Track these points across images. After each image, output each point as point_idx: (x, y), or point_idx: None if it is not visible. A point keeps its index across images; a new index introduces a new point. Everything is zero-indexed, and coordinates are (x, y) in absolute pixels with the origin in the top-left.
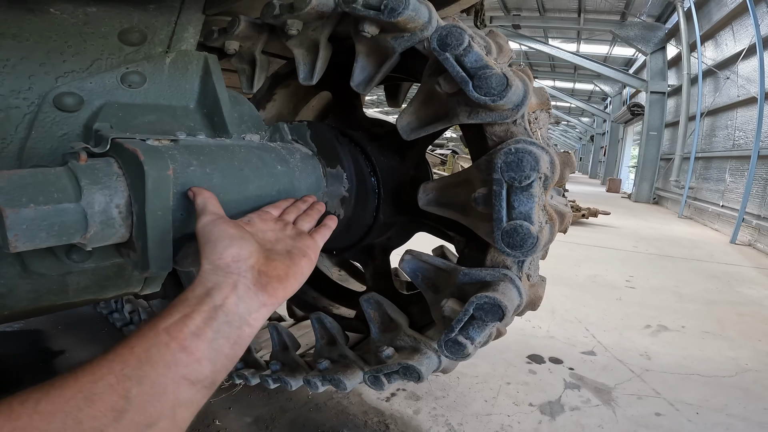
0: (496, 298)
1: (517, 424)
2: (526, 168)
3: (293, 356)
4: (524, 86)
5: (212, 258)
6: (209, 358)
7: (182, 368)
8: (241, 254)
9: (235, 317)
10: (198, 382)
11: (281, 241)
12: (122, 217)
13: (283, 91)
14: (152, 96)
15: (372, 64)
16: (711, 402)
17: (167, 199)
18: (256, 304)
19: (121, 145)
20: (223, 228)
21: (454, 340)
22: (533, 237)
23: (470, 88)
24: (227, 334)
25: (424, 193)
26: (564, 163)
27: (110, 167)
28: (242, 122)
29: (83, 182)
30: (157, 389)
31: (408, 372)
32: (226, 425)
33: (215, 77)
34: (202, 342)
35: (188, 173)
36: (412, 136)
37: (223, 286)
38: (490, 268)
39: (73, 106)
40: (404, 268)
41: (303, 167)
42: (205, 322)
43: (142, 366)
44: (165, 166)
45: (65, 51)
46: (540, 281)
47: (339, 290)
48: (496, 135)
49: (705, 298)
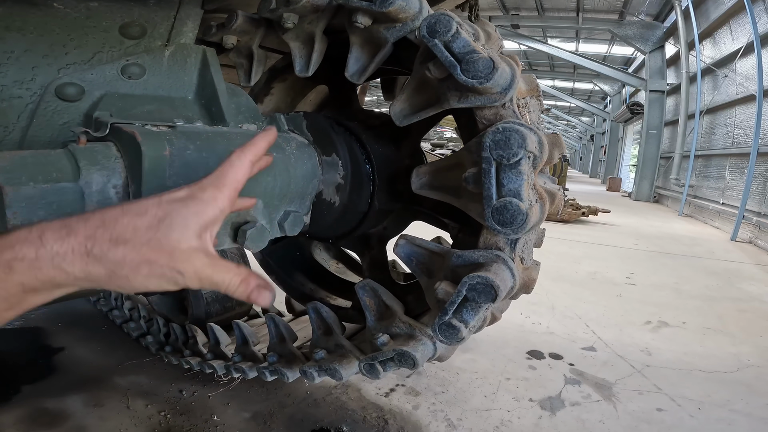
0: (488, 277)
1: (517, 420)
2: (513, 145)
3: (290, 348)
4: (511, 70)
5: None
6: None
7: None
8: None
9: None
10: None
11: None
12: (119, 198)
13: (280, 85)
14: (151, 87)
15: (366, 55)
16: (713, 397)
17: (163, 180)
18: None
19: (120, 129)
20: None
21: (448, 323)
22: (523, 213)
23: (458, 72)
24: None
25: (418, 177)
26: (553, 144)
27: (109, 150)
28: (239, 113)
29: (82, 163)
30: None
31: (403, 358)
32: (225, 420)
33: (213, 69)
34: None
35: (185, 156)
36: (405, 121)
37: None
38: (483, 249)
39: (74, 95)
40: (398, 253)
41: (299, 155)
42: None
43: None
44: (162, 147)
45: (68, 44)
46: (534, 265)
47: (336, 282)
48: (486, 118)
49: (705, 294)
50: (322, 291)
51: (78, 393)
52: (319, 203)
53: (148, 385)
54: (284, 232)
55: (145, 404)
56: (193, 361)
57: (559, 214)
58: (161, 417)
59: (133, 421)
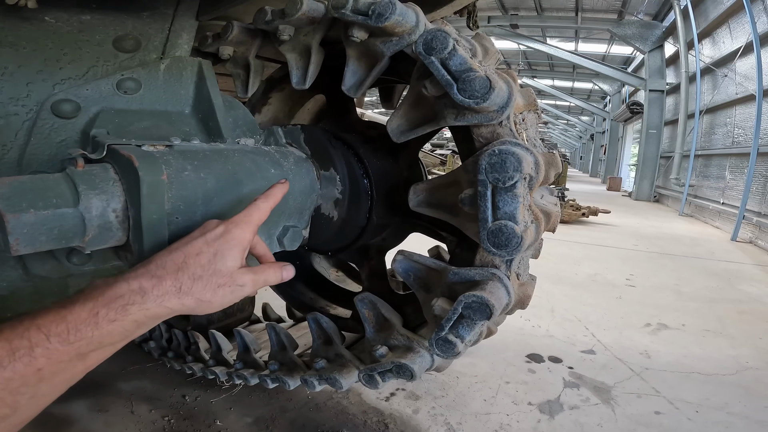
0: (483, 297)
1: (516, 423)
2: (509, 169)
3: (291, 356)
4: (508, 88)
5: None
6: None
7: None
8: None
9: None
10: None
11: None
12: (119, 221)
13: (278, 95)
14: (148, 102)
15: (362, 68)
16: (711, 400)
17: (162, 204)
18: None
19: (117, 151)
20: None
21: (445, 338)
22: (517, 237)
23: (455, 91)
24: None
25: (415, 194)
26: (549, 163)
27: (107, 173)
28: (237, 126)
29: (81, 188)
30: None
31: (401, 370)
32: (227, 425)
33: (209, 83)
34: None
35: (183, 178)
36: (402, 138)
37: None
38: (479, 267)
39: (70, 112)
40: (396, 268)
41: (297, 170)
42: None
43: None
44: (159, 172)
45: (61, 58)
46: (530, 280)
47: (336, 291)
48: (483, 136)
49: (705, 296)
50: (321, 300)
51: (82, 398)
52: (318, 217)
53: (152, 390)
54: (283, 247)
55: (149, 409)
56: (195, 367)
57: (555, 231)
58: (165, 422)
59: (137, 426)
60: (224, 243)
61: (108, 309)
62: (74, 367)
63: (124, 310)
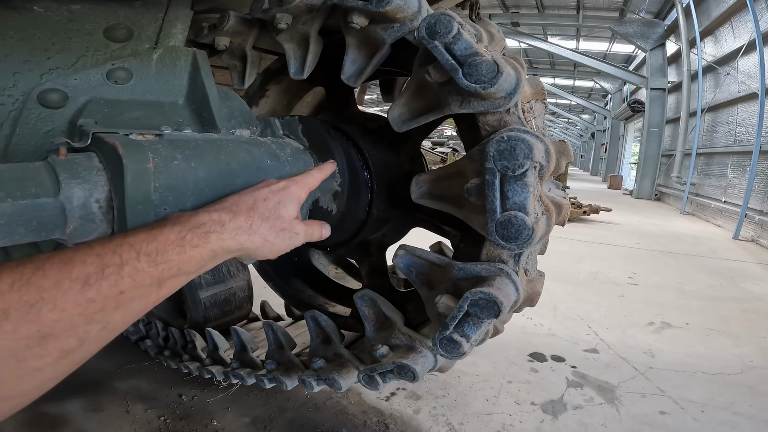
0: (491, 293)
1: (519, 424)
2: (519, 156)
3: (288, 355)
4: (516, 74)
5: None
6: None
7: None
8: None
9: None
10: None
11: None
12: (103, 212)
13: (276, 87)
14: (139, 92)
15: (362, 57)
16: (716, 400)
17: (148, 193)
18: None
19: (101, 140)
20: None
21: (449, 338)
22: (528, 228)
23: (460, 76)
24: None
25: (417, 185)
26: (560, 152)
27: (90, 162)
28: (232, 117)
29: (62, 177)
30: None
31: (403, 371)
32: (224, 425)
33: (204, 73)
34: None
35: (172, 167)
36: (404, 127)
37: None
38: (485, 262)
39: (57, 102)
40: (398, 264)
41: (294, 162)
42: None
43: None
44: (145, 159)
45: (49, 48)
46: (538, 276)
47: (335, 288)
48: (489, 125)
49: (709, 294)
50: (320, 298)
51: (77, 397)
52: (316, 211)
53: (148, 390)
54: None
55: (144, 409)
56: (191, 366)
57: (565, 224)
58: (161, 422)
59: (132, 425)
60: (286, 194)
61: (193, 234)
62: (150, 295)
63: (206, 237)
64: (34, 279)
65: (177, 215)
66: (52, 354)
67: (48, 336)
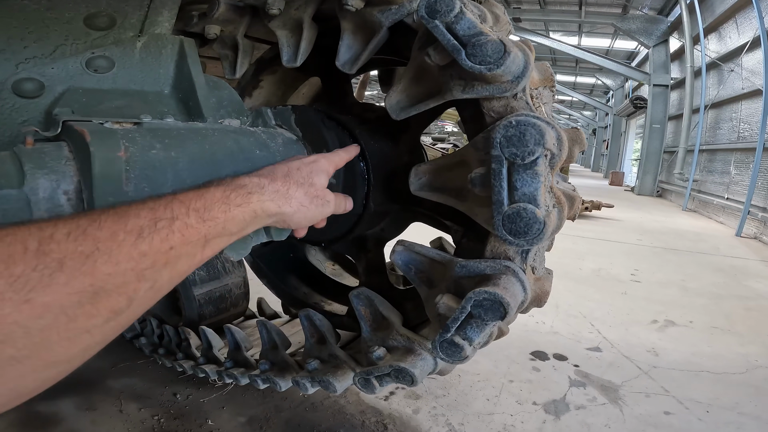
0: (497, 293)
1: (521, 424)
2: (529, 142)
3: (283, 355)
4: (524, 56)
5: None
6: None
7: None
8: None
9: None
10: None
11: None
12: (71, 205)
13: (269, 78)
14: (121, 81)
15: (359, 42)
16: (721, 400)
17: (119, 184)
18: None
19: (71, 128)
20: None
21: (450, 341)
22: (539, 222)
23: (463, 57)
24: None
25: (416, 176)
26: (572, 140)
27: (60, 151)
28: (221, 107)
29: (27, 167)
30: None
31: (400, 375)
32: (219, 425)
33: (191, 61)
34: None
35: (149, 156)
36: (402, 115)
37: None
38: (490, 259)
39: (33, 91)
40: (396, 261)
41: (285, 152)
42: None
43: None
44: (115, 147)
45: (26, 37)
46: (546, 274)
47: (332, 285)
48: (495, 111)
49: (712, 292)
50: (316, 295)
51: (70, 396)
52: None
53: (142, 388)
54: (270, 237)
55: (138, 408)
56: (186, 365)
57: (575, 219)
58: (155, 421)
59: (126, 425)
60: (316, 165)
61: (237, 194)
62: (196, 254)
63: (248, 198)
64: (90, 230)
65: (219, 179)
66: (102, 313)
67: (100, 291)
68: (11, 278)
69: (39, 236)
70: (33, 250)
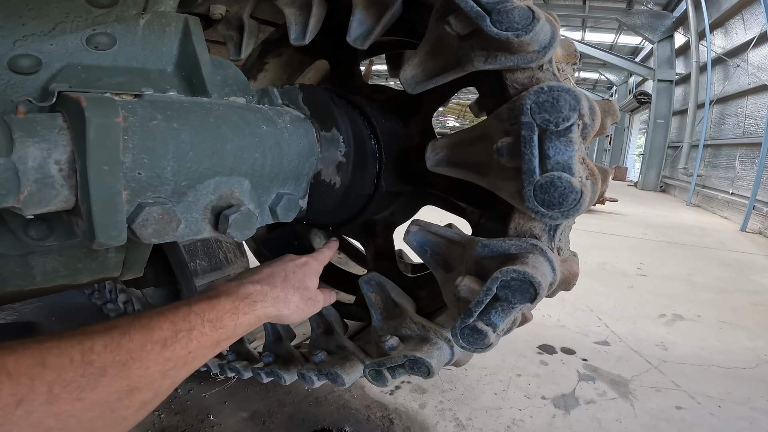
0: (526, 272)
1: (530, 419)
2: (564, 108)
3: (287, 347)
4: (552, 27)
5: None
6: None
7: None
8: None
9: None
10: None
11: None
12: (63, 176)
13: (275, 61)
14: (123, 58)
15: (371, 17)
16: (733, 395)
17: (116, 152)
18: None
19: (67, 96)
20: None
21: (473, 327)
22: (576, 191)
23: (488, 24)
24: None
25: (433, 151)
26: (605, 111)
27: (53, 121)
28: (225, 86)
29: (16, 135)
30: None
31: (415, 365)
32: (221, 420)
33: (195, 38)
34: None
35: (149, 127)
36: (419, 89)
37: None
38: (514, 237)
39: (29, 67)
40: (410, 242)
41: (293, 129)
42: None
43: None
44: (113, 113)
45: (25, 14)
46: (572, 256)
47: (338, 274)
48: (519, 83)
49: (719, 286)
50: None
51: None
52: (318, 185)
53: None
54: (276, 218)
55: None
56: None
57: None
58: (155, 416)
59: None
60: (308, 269)
61: (244, 303)
62: (208, 354)
63: (253, 306)
64: (123, 342)
65: (225, 285)
66: (135, 405)
67: (134, 389)
68: (64, 383)
69: (80, 349)
70: (78, 360)
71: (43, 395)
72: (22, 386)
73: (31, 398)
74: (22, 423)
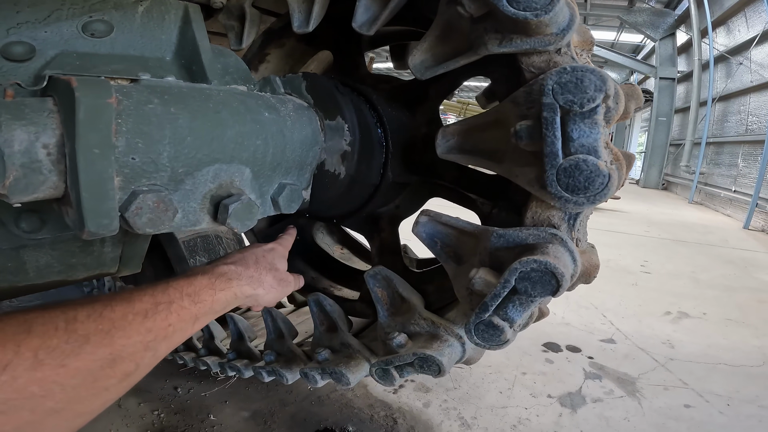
0: (548, 262)
1: (536, 418)
2: (589, 88)
3: (289, 345)
4: (570, 9)
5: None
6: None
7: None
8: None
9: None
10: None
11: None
12: (52, 160)
13: (277, 51)
14: (120, 46)
15: (377, 2)
16: (741, 393)
17: (108, 135)
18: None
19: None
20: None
21: (488, 322)
22: (603, 175)
23: (504, 3)
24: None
25: (444, 138)
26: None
27: (43, 104)
28: (226, 74)
29: (2, 117)
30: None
31: (425, 364)
32: (222, 420)
33: (195, 26)
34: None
35: (145, 110)
36: (428, 74)
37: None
38: (532, 227)
39: (22, 54)
40: (419, 233)
41: (296, 117)
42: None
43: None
44: (106, 94)
45: (19, 2)
46: (590, 248)
47: (341, 269)
48: (536, 66)
49: (723, 284)
50: (325, 280)
51: None
52: (321, 175)
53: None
54: (279, 209)
55: (137, 402)
56: (186, 357)
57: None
58: (154, 416)
59: (124, 420)
60: (276, 253)
61: (220, 280)
62: (188, 328)
63: (229, 283)
64: (105, 312)
65: (202, 267)
66: (117, 375)
67: (117, 359)
68: (48, 349)
69: (65, 317)
70: (63, 328)
71: (29, 360)
72: (8, 351)
73: (16, 363)
74: (6, 388)
